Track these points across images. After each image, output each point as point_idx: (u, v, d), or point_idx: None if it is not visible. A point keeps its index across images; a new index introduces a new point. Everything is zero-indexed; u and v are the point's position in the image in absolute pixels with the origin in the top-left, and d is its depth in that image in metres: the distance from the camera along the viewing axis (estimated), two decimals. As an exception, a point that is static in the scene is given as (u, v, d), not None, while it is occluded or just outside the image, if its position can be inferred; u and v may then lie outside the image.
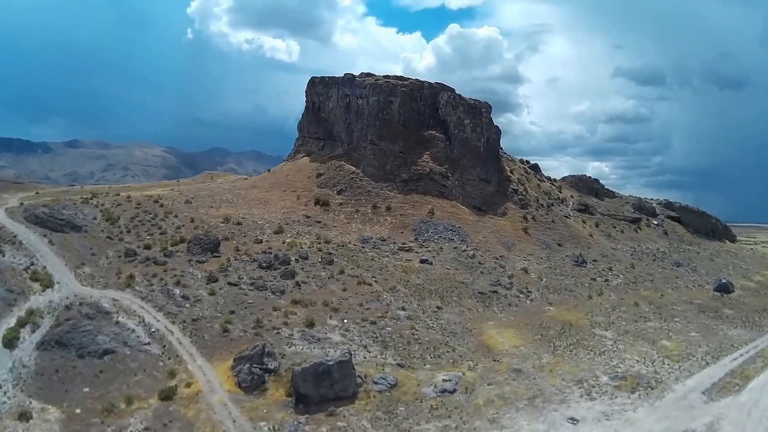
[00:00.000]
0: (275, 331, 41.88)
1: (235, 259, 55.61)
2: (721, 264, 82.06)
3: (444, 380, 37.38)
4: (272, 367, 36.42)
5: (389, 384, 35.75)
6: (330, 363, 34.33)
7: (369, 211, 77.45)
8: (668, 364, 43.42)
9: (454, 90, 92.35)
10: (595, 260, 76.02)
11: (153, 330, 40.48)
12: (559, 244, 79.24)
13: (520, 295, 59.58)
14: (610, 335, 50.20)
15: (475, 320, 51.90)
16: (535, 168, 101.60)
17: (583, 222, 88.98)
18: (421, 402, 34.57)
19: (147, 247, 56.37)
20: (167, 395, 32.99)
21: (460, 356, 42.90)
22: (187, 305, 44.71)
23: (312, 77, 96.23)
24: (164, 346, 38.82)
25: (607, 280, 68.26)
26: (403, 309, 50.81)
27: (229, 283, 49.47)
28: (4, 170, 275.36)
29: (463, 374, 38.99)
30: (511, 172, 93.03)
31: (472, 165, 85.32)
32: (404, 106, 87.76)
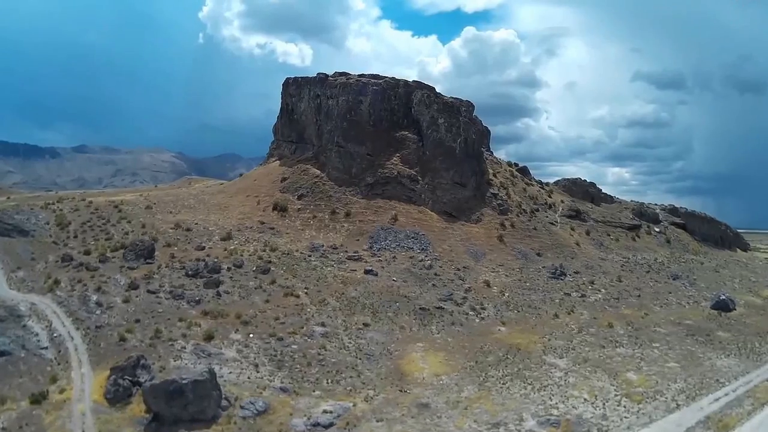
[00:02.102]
0: (170, 343, 37.73)
1: (166, 267, 50.77)
2: (727, 276, 69.87)
3: (324, 411, 31.12)
4: (142, 380, 32.28)
5: (257, 410, 30.54)
6: (183, 382, 29.78)
7: (326, 217, 69.37)
8: (625, 406, 33.56)
9: (433, 88, 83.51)
10: (576, 272, 65.45)
11: (56, 335, 37.97)
12: (538, 254, 68.98)
13: (470, 313, 50.13)
14: (563, 364, 40.29)
15: (404, 341, 43.36)
16: (524, 171, 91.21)
17: (572, 229, 78.21)
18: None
19: (87, 253, 52.59)
20: (36, 399, 31.29)
21: (363, 383, 35.60)
22: (98, 312, 41.77)
23: (287, 78, 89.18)
24: (59, 352, 36.17)
25: (584, 296, 57.79)
26: (323, 325, 43.79)
27: (149, 291, 45.26)
28: (11, 176, 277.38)
29: (354, 405, 32.22)
30: (494, 175, 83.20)
31: (445, 167, 76.08)
32: (375, 105, 79.46)
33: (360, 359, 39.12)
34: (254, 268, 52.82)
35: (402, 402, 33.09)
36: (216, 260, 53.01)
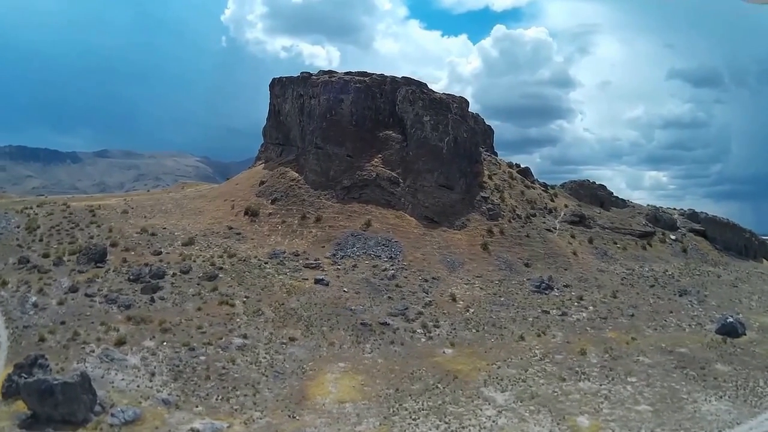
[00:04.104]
0: (82, 346, 36.63)
1: (114, 271, 49.32)
2: (745, 292, 59.10)
3: (191, 429, 29.42)
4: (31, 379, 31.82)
5: (125, 419, 29.79)
6: (54, 383, 29.67)
7: (295, 222, 64.06)
8: (559, 466, 25.98)
9: (424, 84, 76.60)
10: (566, 285, 56.98)
11: (-15, 333, 36.84)
12: (527, 264, 60.81)
13: (419, 331, 43.67)
14: (501, 399, 33.21)
15: (326, 359, 38.62)
16: (525, 172, 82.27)
17: (572, 237, 69.17)
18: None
19: (45, 256, 51.67)
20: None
21: (255, 403, 32.46)
22: (31, 313, 41.35)
23: (273, 78, 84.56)
24: (-17, 348, 35.13)
25: (564, 314, 49.53)
26: (245, 337, 40.49)
27: (86, 295, 44.28)
28: (31, 180, 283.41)
29: (228, 427, 29.98)
30: (490, 177, 75.18)
31: (429, 169, 69.01)
32: (358, 104, 73.52)
33: (266, 377, 35.56)
34: (200, 275, 49.66)
35: (283, 430, 29.74)
36: (165, 266, 50.75)
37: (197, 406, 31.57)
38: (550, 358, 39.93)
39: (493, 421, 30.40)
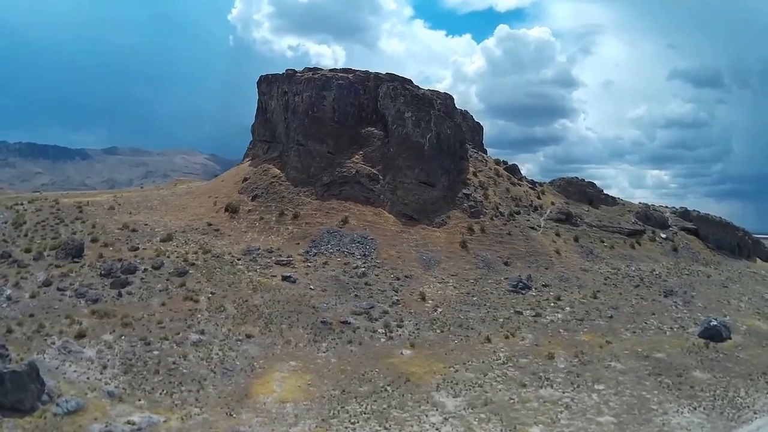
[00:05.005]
0: (45, 338, 35.64)
1: (89, 266, 47.22)
2: (735, 293, 54.42)
3: (128, 422, 28.50)
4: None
5: (68, 409, 29.22)
6: (4, 371, 29.57)
7: (273, 219, 61.00)
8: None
9: (408, 80, 72.97)
10: (545, 285, 53.09)
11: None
12: (506, 263, 56.98)
13: (380, 331, 40.46)
14: (451, 405, 29.85)
15: (278, 358, 36.11)
16: (512, 169, 78.13)
17: (557, 235, 65.03)
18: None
19: (27, 251, 49.73)
20: None
21: (197, 399, 30.91)
22: (5, 305, 40.02)
23: (260, 76, 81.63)
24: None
25: (538, 315, 45.70)
26: (202, 333, 38.32)
27: (58, 288, 42.91)
28: (40, 177, 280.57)
29: (165, 422, 28.64)
30: (475, 174, 71.34)
31: (410, 166, 65.45)
32: (340, 100, 70.18)
33: (214, 373, 33.85)
34: (171, 271, 47.42)
35: (218, 427, 28.20)
36: (138, 261, 48.61)
37: (140, 400, 30.54)
38: (513, 362, 36.25)
39: (437, 429, 27.10)
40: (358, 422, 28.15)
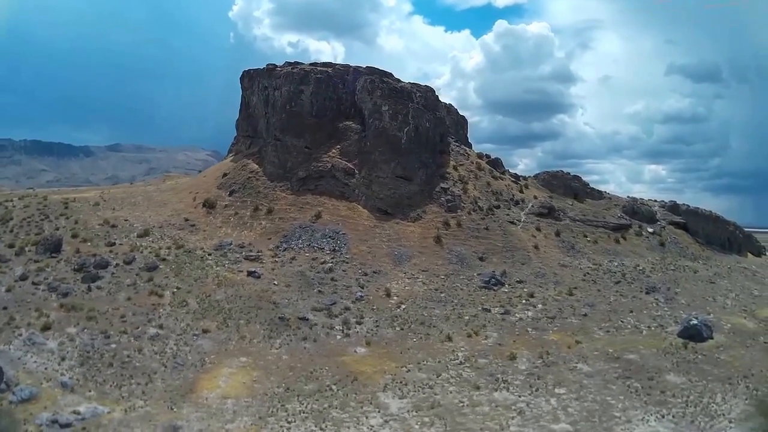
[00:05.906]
0: (13, 329, 35.20)
1: (65, 261, 46.02)
2: (722, 289, 49.94)
3: (74, 412, 28.02)
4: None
5: (22, 398, 29.31)
6: None
7: (248, 214, 57.90)
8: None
9: (387, 74, 69.25)
10: (520, 281, 49.26)
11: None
12: (481, 258, 53.19)
13: (337, 327, 37.48)
14: (395, 407, 26.74)
15: (230, 353, 34.20)
16: (495, 163, 74.08)
17: (537, 229, 60.97)
18: (24, 425, 26.59)
19: (11, 246, 48.83)
20: None
21: (143, 392, 30.05)
22: None
23: (243, 71, 78.48)
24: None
25: (507, 312, 41.89)
26: (161, 327, 36.88)
27: (33, 282, 42.23)
28: (45, 174, 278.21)
29: (109, 413, 28.04)
30: (455, 167, 67.50)
31: (386, 160, 61.85)
32: (318, 94, 66.85)
33: (165, 367, 32.71)
34: (141, 266, 45.92)
35: (158, 420, 27.20)
36: (112, 256, 47.28)
37: (90, 391, 30.18)
38: (471, 363, 32.64)
39: (381, 430, 23.55)
40: (294, 421, 25.95)
